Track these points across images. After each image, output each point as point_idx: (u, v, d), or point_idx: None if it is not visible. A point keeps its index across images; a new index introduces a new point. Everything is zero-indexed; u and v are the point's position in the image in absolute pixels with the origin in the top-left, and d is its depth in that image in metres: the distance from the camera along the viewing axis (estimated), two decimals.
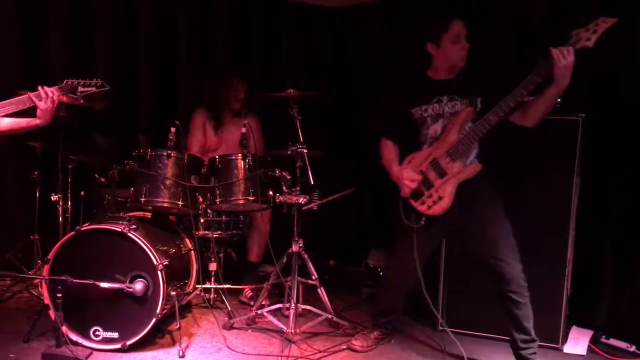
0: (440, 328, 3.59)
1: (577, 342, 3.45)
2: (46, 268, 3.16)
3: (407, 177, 3.06)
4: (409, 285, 3.29)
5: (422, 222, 3.05)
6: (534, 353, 2.99)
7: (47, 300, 3.18)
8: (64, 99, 3.27)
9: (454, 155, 2.98)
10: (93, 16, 4.73)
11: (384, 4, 5.07)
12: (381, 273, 4.55)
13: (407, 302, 3.45)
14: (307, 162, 3.50)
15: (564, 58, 2.63)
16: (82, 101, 2.98)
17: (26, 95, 2.80)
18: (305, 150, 3.53)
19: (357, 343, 3.32)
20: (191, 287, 3.73)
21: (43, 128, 3.13)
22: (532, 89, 2.77)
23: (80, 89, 2.97)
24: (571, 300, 3.43)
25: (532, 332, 2.98)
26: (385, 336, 3.43)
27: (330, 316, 3.55)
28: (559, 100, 2.95)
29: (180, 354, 3.12)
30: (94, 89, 2.98)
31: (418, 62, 3.19)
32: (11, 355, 3.03)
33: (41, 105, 2.81)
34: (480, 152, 3.05)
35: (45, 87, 2.87)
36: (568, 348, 3.40)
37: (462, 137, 2.96)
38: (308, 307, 3.58)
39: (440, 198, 2.99)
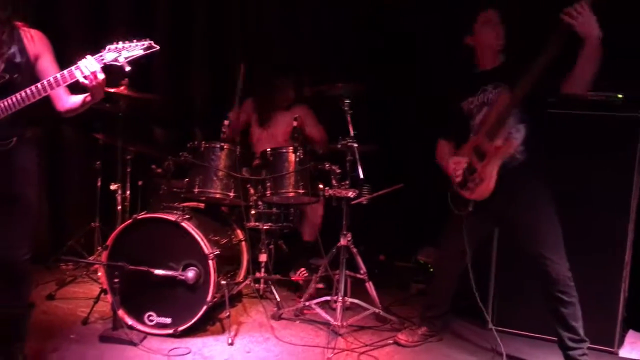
0: (489, 327, 3.53)
1: (634, 346, 3.33)
2: (105, 254, 3.30)
3: (453, 161, 3.08)
4: (457, 275, 3.25)
5: (470, 209, 3.02)
6: (585, 354, 2.90)
7: (105, 285, 3.32)
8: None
9: (490, 135, 2.93)
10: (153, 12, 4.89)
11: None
12: (431, 269, 4.51)
13: (456, 301, 3.41)
14: (357, 156, 3.51)
15: (579, 15, 2.52)
16: (128, 68, 2.46)
17: (71, 70, 2.42)
18: (355, 145, 3.54)
19: (402, 337, 3.32)
20: (241, 277, 3.81)
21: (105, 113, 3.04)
22: (549, 62, 2.67)
23: (124, 54, 2.44)
24: (628, 303, 3.30)
25: (581, 332, 2.90)
26: (433, 333, 3.40)
27: (377, 310, 3.55)
28: (619, 96, 2.84)
29: (229, 341, 3.20)
30: (140, 51, 2.46)
31: (465, 56, 3.16)
32: (71, 337, 3.19)
33: (87, 83, 2.43)
34: (529, 141, 2.94)
35: (86, 60, 2.43)
36: (624, 352, 3.29)
37: (496, 114, 2.91)
38: (356, 301, 3.59)
39: (481, 180, 2.94)
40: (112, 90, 3.83)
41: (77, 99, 2.59)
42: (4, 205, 2.48)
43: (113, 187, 4.15)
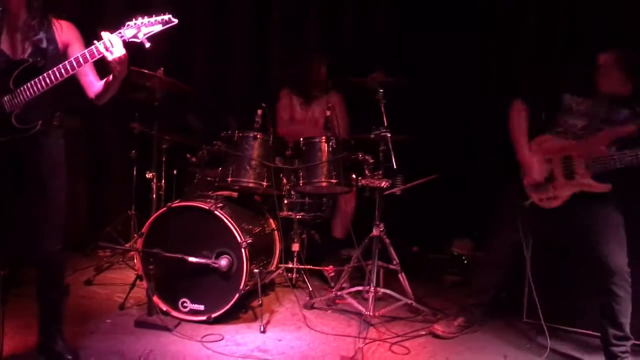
0: (526, 320, 3.47)
1: None
2: (140, 241, 3.36)
3: (538, 169, 2.97)
4: (506, 269, 3.21)
5: (527, 204, 2.99)
6: (627, 352, 2.83)
7: (140, 272, 3.38)
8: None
9: (591, 167, 2.85)
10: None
11: None
12: (466, 261, 4.46)
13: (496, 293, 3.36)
14: (391, 146, 3.48)
15: None
16: (147, 44, 2.36)
17: (92, 47, 2.36)
18: (388, 135, 3.51)
19: (439, 328, 3.28)
20: (274, 266, 3.83)
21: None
22: None
23: (143, 30, 2.36)
24: None
25: (627, 330, 2.83)
26: (470, 324, 3.34)
27: (410, 301, 3.53)
28: None
29: (262, 329, 3.22)
30: (160, 26, 2.37)
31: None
32: (107, 321, 3.25)
33: (108, 56, 2.35)
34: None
35: (107, 36, 2.35)
36: None
37: (614, 155, 2.79)
38: (388, 292, 3.57)
39: (555, 197, 2.91)
40: (147, 76, 3.87)
41: (101, 83, 2.57)
42: (32, 195, 2.51)
43: (149, 175, 4.20)
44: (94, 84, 2.59)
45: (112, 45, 2.34)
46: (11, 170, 2.47)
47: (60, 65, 2.37)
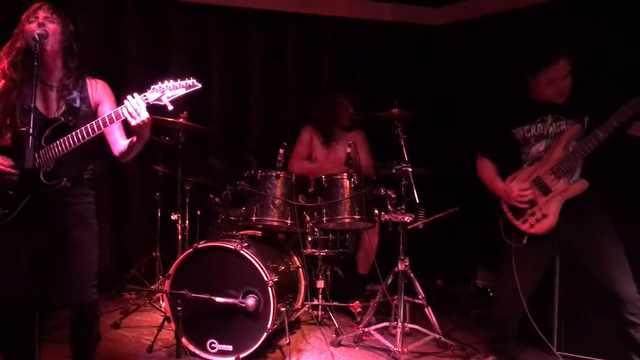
0: (558, 352, 3.41)
1: None
2: (167, 283, 3.38)
3: (518, 188, 3.00)
4: (519, 309, 3.16)
5: (524, 242, 2.99)
6: None
7: (168, 313, 3.40)
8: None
9: (558, 173, 2.92)
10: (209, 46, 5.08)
11: (487, 21, 5.02)
12: (491, 293, 4.42)
13: (522, 325, 3.32)
14: (412, 181, 3.51)
15: None
16: (170, 108, 2.44)
17: (117, 109, 2.45)
18: (410, 169, 3.54)
19: None
20: (300, 303, 3.83)
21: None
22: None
23: (167, 93, 2.44)
24: None
25: None
26: None
27: (438, 336, 3.50)
28: None
29: None
30: (183, 90, 2.46)
31: (521, 82, 3.13)
32: None
33: (132, 122, 2.43)
34: (585, 171, 2.94)
35: (131, 99, 2.43)
36: None
37: (568, 154, 2.90)
38: (415, 327, 3.56)
39: (544, 216, 2.93)
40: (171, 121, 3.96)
41: (125, 143, 2.63)
42: (64, 249, 2.55)
43: (173, 217, 4.25)
44: (118, 142, 2.65)
45: (136, 109, 2.41)
46: (41, 223, 2.51)
47: (88, 125, 2.44)
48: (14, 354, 2.60)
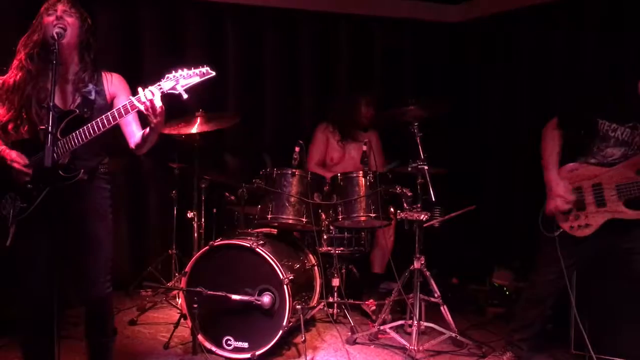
0: (574, 351, 3.38)
1: None
2: (183, 280, 3.40)
3: (562, 196, 2.92)
4: (550, 301, 3.14)
5: (556, 234, 2.94)
6: None
7: (184, 311, 3.42)
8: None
9: (621, 194, 2.82)
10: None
11: (506, 17, 5.00)
12: (507, 292, 4.39)
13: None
14: (428, 179, 3.49)
15: None
16: (185, 96, 2.40)
17: (131, 100, 2.41)
18: (426, 167, 3.53)
19: None
20: (315, 301, 3.83)
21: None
22: None
23: (181, 82, 2.40)
24: None
25: None
26: (518, 359, 3.27)
27: (454, 334, 3.48)
28: None
29: None
30: (197, 78, 2.42)
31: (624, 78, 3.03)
32: None
33: (144, 111, 2.42)
34: None
35: (145, 90, 2.40)
36: None
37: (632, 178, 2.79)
38: (431, 325, 3.54)
39: (587, 225, 2.87)
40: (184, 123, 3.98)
41: (140, 134, 2.62)
42: (79, 242, 2.55)
43: (190, 215, 4.27)
44: (135, 134, 2.64)
45: (150, 99, 2.39)
46: (58, 216, 2.48)
47: (103, 117, 2.43)
48: (32, 350, 2.62)
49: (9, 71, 2.54)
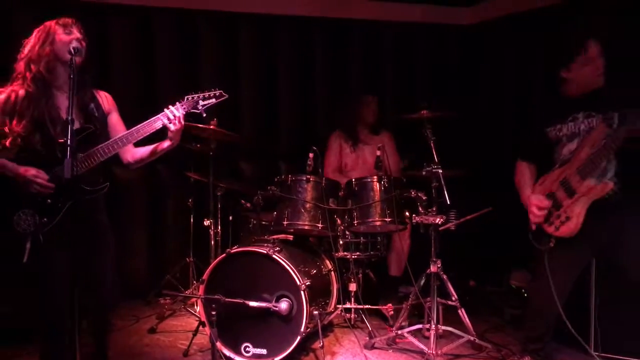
0: (594, 352, 3.35)
1: None
2: (201, 288, 3.43)
3: (535, 204, 3.01)
4: (554, 310, 3.11)
5: (551, 244, 2.95)
6: None
7: (203, 318, 3.45)
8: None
9: (583, 173, 2.87)
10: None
11: (519, 19, 4.99)
12: (525, 294, 4.37)
13: (559, 327, 3.26)
14: (443, 182, 3.49)
15: None
16: (204, 115, 2.83)
17: (158, 116, 2.71)
18: (440, 171, 3.53)
19: None
20: (332, 306, 3.84)
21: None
22: None
23: (201, 102, 2.79)
24: None
25: None
26: None
27: (472, 338, 3.47)
28: None
29: None
30: (214, 100, 2.82)
31: (552, 80, 3.11)
32: None
33: (171, 127, 2.70)
34: (620, 172, 2.88)
35: (171, 108, 2.73)
36: None
37: (591, 153, 2.84)
38: (449, 329, 3.53)
39: (567, 219, 2.89)
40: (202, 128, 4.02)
41: (147, 148, 2.81)
42: (95, 251, 2.65)
43: (206, 223, 4.31)
44: (130, 149, 2.83)
45: (177, 117, 2.69)
46: (77, 231, 2.56)
47: (127, 133, 2.64)
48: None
49: (12, 83, 2.61)
